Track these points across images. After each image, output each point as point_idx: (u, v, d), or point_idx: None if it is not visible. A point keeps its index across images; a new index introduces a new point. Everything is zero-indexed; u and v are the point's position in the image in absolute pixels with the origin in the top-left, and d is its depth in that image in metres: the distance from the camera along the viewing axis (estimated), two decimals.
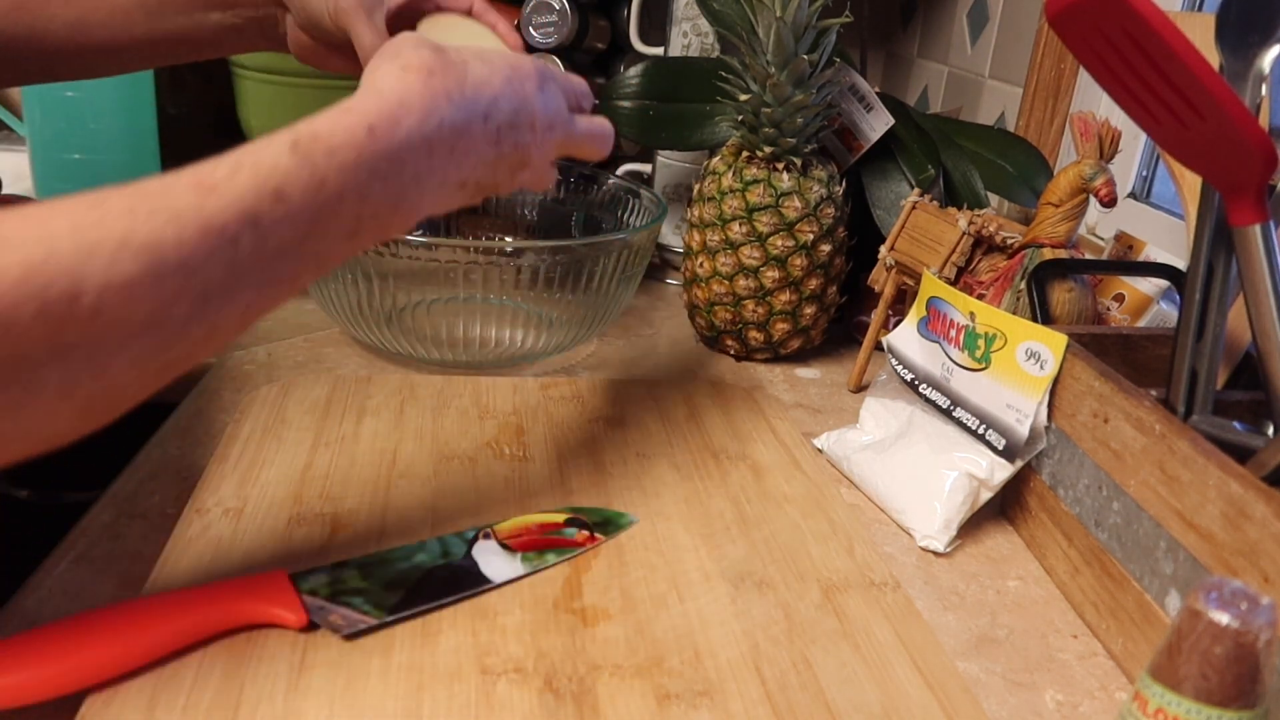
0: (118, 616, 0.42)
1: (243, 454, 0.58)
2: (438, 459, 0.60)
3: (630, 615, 0.48)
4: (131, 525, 0.53)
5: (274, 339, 0.77)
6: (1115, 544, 0.49)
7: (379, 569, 0.49)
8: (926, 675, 0.45)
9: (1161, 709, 0.34)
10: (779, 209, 0.75)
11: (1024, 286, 0.64)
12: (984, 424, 0.58)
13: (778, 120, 0.73)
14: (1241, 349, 0.58)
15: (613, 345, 0.82)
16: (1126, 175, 0.87)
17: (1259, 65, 0.47)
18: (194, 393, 0.67)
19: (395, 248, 0.65)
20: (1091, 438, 0.52)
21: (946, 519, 0.56)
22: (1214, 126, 0.43)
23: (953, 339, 0.61)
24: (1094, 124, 0.63)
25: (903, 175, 0.81)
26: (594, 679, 0.43)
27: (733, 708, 0.42)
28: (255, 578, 0.46)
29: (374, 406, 0.66)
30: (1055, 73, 0.91)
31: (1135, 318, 0.71)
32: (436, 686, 0.42)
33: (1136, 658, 0.47)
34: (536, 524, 0.54)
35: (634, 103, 0.85)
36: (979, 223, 0.67)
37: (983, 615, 0.52)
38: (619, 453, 0.63)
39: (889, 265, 0.74)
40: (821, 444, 0.67)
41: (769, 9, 0.70)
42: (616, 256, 0.71)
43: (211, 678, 0.41)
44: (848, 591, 0.51)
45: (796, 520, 0.57)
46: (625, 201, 0.83)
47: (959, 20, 1.12)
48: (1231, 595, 0.33)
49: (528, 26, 0.98)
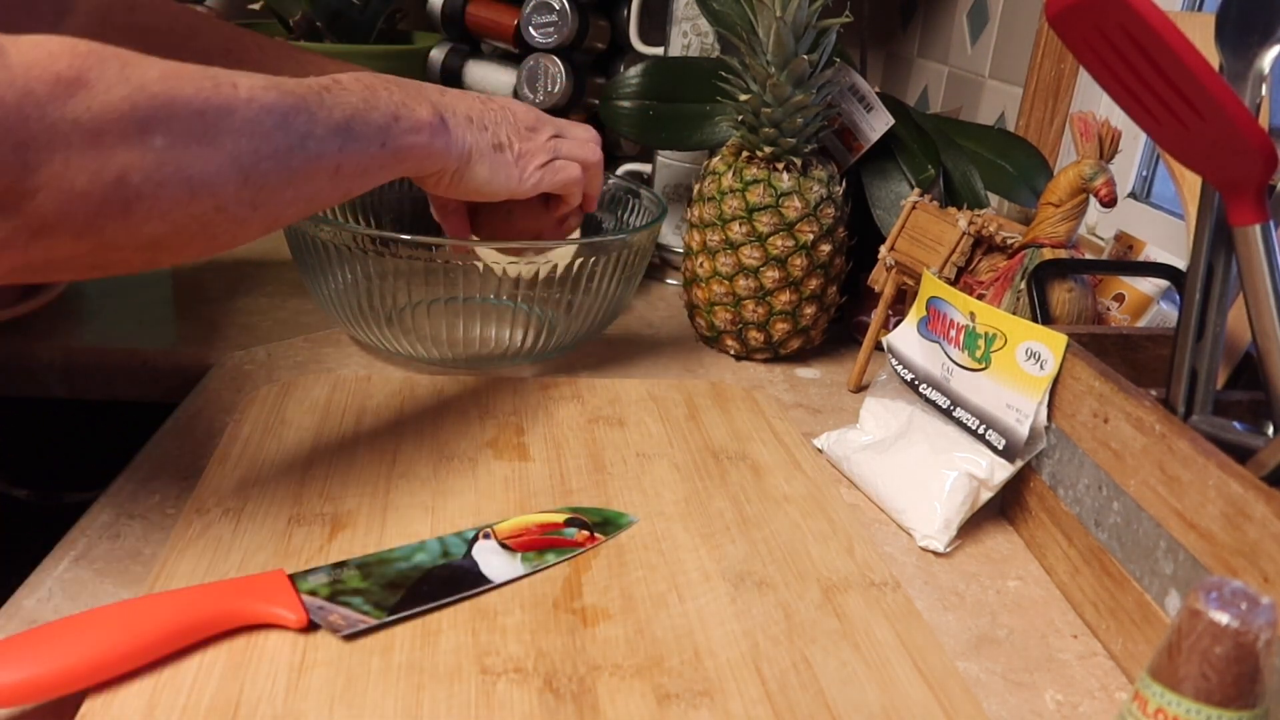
0: (118, 616, 0.42)
1: (243, 454, 0.58)
2: (438, 459, 0.60)
3: (630, 615, 0.48)
4: (131, 525, 0.53)
5: (274, 339, 0.77)
6: (1115, 544, 0.49)
7: (379, 569, 0.49)
8: (926, 675, 0.45)
9: (1161, 709, 0.34)
10: (779, 209, 0.75)
11: (1024, 286, 0.64)
12: (984, 424, 0.58)
13: (778, 120, 0.73)
14: (1241, 349, 0.58)
15: (613, 345, 0.82)
16: (1126, 175, 0.87)
17: (1259, 65, 0.47)
18: (194, 393, 0.67)
19: (395, 248, 0.65)
20: (1091, 438, 0.52)
21: (946, 519, 0.56)
22: (1214, 126, 0.43)
23: (953, 339, 0.61)
24: (1094, 124, 0.63)
25: (903, 175, 0.81)
26: (594, 679, 0.43)
27: (733, 708, 0.42)
28: (255, 578, 0.46)
29: (374, 406, 0.66)
30: (1055, 73, 0.91)
31: (1135, 318, 0.71)
32: (436, 686, 0.42)
33: (1136, 658, 0.47)
34: (536, 524, 0.54)
35: (634, 103, 0.85)
36: (979, 223, 0.67)
37: (983, 615, 0.52)
38: (619, 453, 0.63)
39: (889, 265, 0.74)
40: (821, 444, 0.67)
41: (769, 9, 0.70)
42: (616, 256, 0.71)
43: (211, 678, 0.41)
44: (848, 591, 0.51)
45: (796, 520, 0.57)
46: (625, 201, 0.83)
47: (959, 20, 1.12)
48: (1231, 595, 0.33)
49: (528, 26, 0.98)
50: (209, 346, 0.74)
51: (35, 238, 0.37)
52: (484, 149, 0.59)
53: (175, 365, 0.73)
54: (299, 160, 0.45)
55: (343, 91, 0.49)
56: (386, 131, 0.51)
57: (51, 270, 0.40)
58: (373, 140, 0.50)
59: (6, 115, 0.34)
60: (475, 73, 1.06)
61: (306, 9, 0.99)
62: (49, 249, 0.38)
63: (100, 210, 0.38)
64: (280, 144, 0.44)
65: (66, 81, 0.36)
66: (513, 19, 0.99)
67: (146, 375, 0.73)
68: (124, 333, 0.76)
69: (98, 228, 0.38)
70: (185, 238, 0.42)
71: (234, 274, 0.89)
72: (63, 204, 0.36)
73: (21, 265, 0.38)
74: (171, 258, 0.43)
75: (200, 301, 0.83)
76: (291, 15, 1.01)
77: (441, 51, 1.06)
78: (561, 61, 0.98)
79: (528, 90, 0.99)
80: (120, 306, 0.80)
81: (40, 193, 0.36)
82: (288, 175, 0.45)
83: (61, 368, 0.72)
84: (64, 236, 0.37)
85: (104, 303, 0.81)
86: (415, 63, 1.06)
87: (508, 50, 1.04)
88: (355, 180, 0.50)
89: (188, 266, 0.90)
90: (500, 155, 0.60)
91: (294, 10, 1.00)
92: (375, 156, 0.51)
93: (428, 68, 1.07)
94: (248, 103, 0.42)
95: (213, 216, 0.42)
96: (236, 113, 0.42)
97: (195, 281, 0.87)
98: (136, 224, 0.39)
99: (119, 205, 0.38)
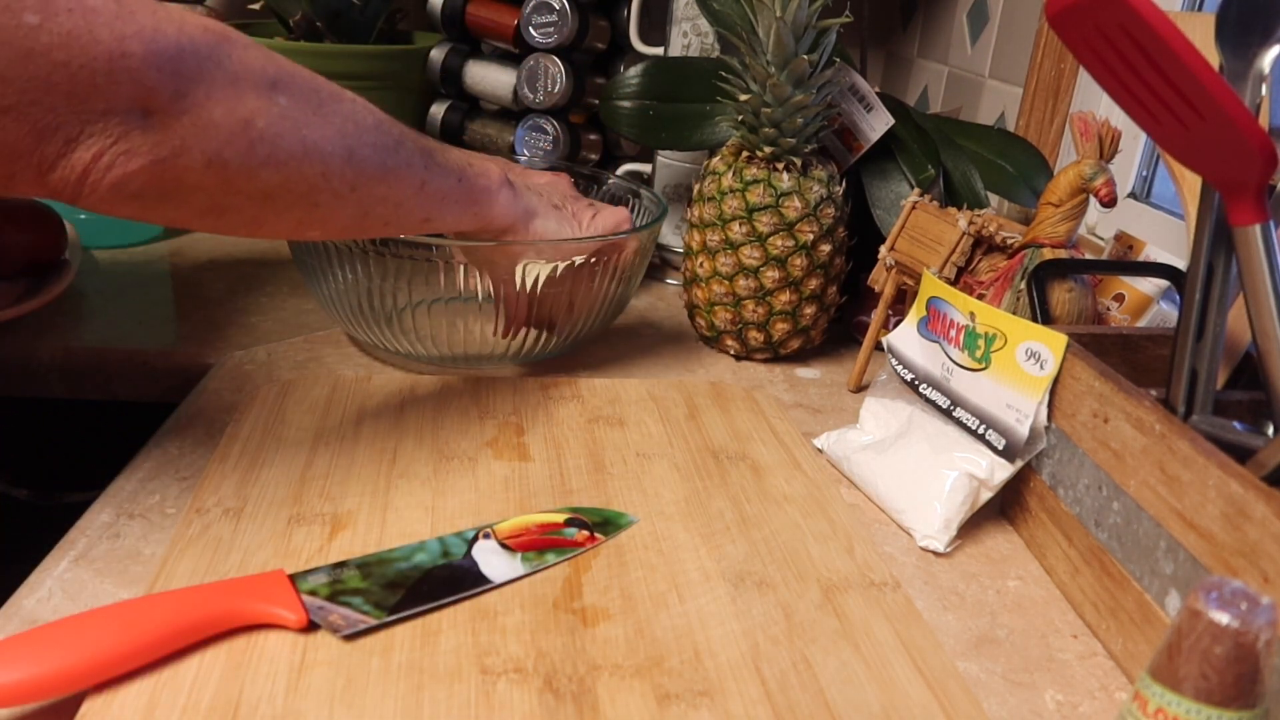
0: (118, 616, 0.42)
1: (243, 454, 0.58)
2: (438, 459, 0.60)
3: (630, 615, 0.48)
4: (131, 525, 0.53)
5: (274, 339, 0.77)
6: (1115, 544, 0.49)
7: (379, 569, 0.49)
8: (926, 675, 0.45)
9: (1161, 709, 0.34)
10: (779, 209, 0.75)
11: (1024, 286, 0.64)
12: (984, 424, 0.58)
13: (778, 120, 0.73)
14: (1241, 349, 0.58)
15: (613, 345, 0.82)
16: (1126, 175, 0.87)
17: (1259, 65, 0.47)
18: (194, 393, 0.67)
19: (396, 248, 0.65)
20: (1091, 438, 0.52)
21: (946, 519, 0.56)
22: (1214, 126, 0.43)
23: (953, 339, 0.61)
24: (1094, 124, 0.63)
25: (903, 175, 0.81)
26: (594, 679, 0.43)
27: (733, 708, 0.42)
28: (255, 578, 0.46)
29: (374, 406, 0.66)
30: (1055, 73, 0.91)
31: (1135, 318, 0.71)
32: (436, 686, 0.42)
33: (1136, 658, 0.47)
34: (536, 524, 0.54)
35: (634, 103, 0.85)
36: (979, 223, 0.67)
37: (983, 615, 0.52)
38: (619, 453, 0.63)
39: (889, 265, 0.74)
40: (821, 444, 0.67)
41: (769, 9, 0.70)
42: (617, 257, 0.71)
43: (211, 678, 0.41)
44: (848, 591, 0.51)
45: (796, 520, 0.57)
46: (625, 201, 0.83)
47: (959, 20, 1.12)
48: (1231, 595, 0.33)
49: (528, 26, 0.98)
50: (209, 346, 0.74)
51: (174, 155, 0.43)
52: (546, 208, 0.65)
53: (175, 365, 0.73)
54: (393, 161, 0.52)
55: (422, 134, 0.56)
56: (462, 171, 0.58)
57: (181, 199, 0.45)
58: (451, 174, 0.57)
59: (169, 46, 0.41)
60: (475, 73, 1.06)
61: (306, 9, 0.99)
62: (182, 170, 0.43)
63: (229, 142, 0.44)
64: (378, 140, 0.51)
65: (215, 34, 0.43)
66: (513, 19, 0.99)
67: (146, 375, 0.73)
68: (124, 333, 0.76)
69: (224, 160, 0.44)
70: (292, 197, 0.48)
71: (234, 274, 0.89)
72: (200, 129, 0.43)
73: (157, 182, 0.43)
74: (276, 220, 0.49)
75: (200, 301, 0.83)
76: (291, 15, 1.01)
77: (441, 51, 1.06)
78: (561, 61, 0.98)
79: (528, 90, 0.99)
80: (120, 306, 0.80)
81: (185, 115, 0.42)
82: (382, 171, 0.51)
83: (61, 368, 0.72)
84: (196, 160, 0.43)
85: (104, 303, 0.81)
86: (415, 63, 1.06)
87: (508, 50, 1.04)
88: (435, 205, 0.56)
89: (188, 266, 0.90)
90: (561, 213, 0.66)
91: (294, 10, 1.00)
92: (453, 189, 0.57)
93: (428, 68, 1.07)
94: (353, 100, 0.50)
95: (318, 182, 0.48)
96: (345, 101, 0.50)
97: (195, 281, 0.87)
98: (255, 166, 0.45)
99: (244, 143, 0.44)
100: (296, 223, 0.50)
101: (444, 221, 0.58)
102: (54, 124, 0.39)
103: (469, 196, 0.58)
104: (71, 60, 0.38)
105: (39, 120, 0.39)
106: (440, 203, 0.56)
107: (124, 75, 0.40)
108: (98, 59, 0.39)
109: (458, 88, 1.08)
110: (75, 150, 0.40)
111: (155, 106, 0.41)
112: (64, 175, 0.41)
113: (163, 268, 0.90)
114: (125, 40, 0.40)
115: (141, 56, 0.40)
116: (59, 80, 0.38)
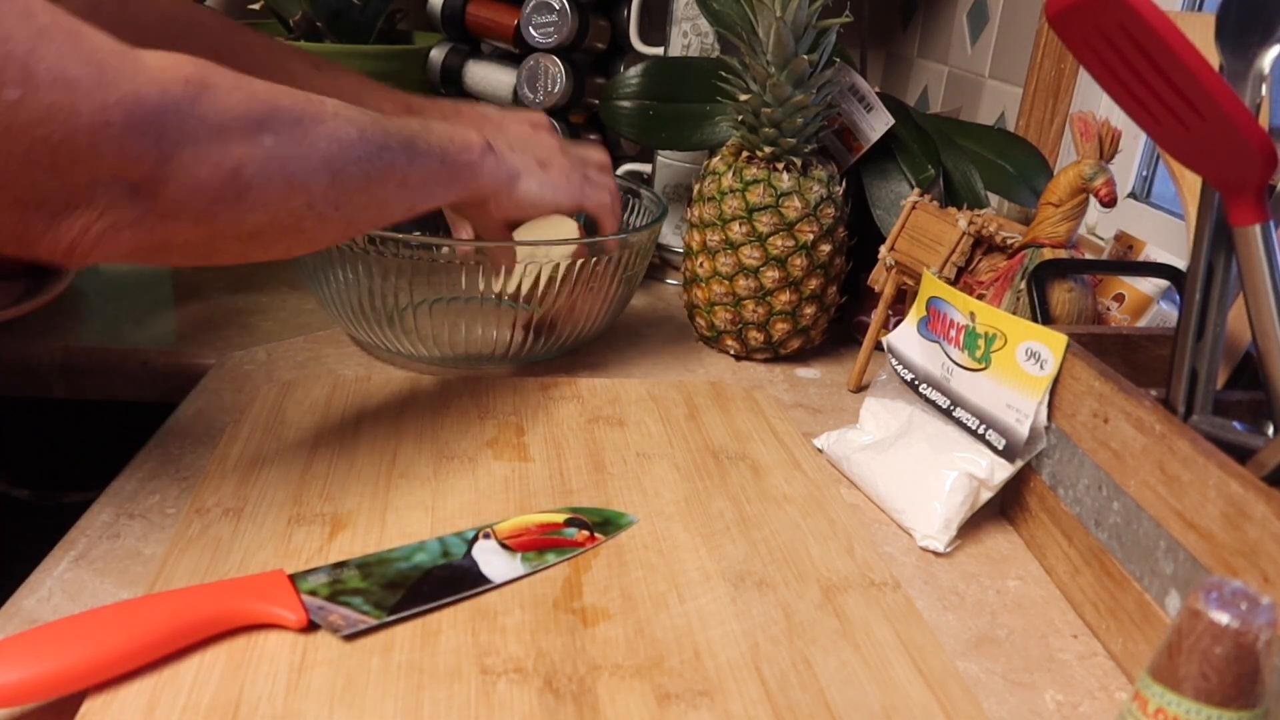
0: (118, 616, 0.42)
1: (243, 454, 0.58)
2: (438, 459, 0.60)
3: (630, 615, 0.48)
4: (131, 525, 0.53)
5: (274, 339, 0.77)
6: (1115, 544, 0.49)
7: (379, 569, 0.49)
8: (926, 675, 0.45)
9: (1161, 709, 0.34)
10: (779, 209, 0.75)
11: (1024, 286, 0.64)
12: (984, 424, 0.58)
13: (778, 120, 0.73)
14: (1241, 349, 0.58)
15: (613, 345, 0.82)
16: (1126, 175, 0.87)
17: (1259, 65, 0.47)
18: (194, 393, 0.67)
19: (395, 248, 0.65)
20: (1091, 438, 0.52)
21: (946, 519, 0.56)
22: (1214, 126, 0.43)
23: (953, 339, 0.61)
24: (1094, 124, 0.63)
25: (903, 175, 0.81)
26: (594, 679, 0.43)
27: (733, 708, 0.42)
28: (255, 578, 0.46)
29: (374, 406, 0.66)
30: (1055, 73, 0.91)
31: (1135, 318, 0.71)
32: (436, 686, 0.42)
33: (1136, 658, 0.47)
34: (536, 524, 0.54)
35: (634, 103, 0.85)
36: (979, 223, 0.67)
37: (983, 615, 0.52)
38: (619, 453, 0.63)
39: (889, 265, 0.74)
40: (821, 444, 0.67)
41: (769, 9, 0.70)
42: (616, 257, 0.71)
43: (211, 678, 0.41)
44: (848, 591, 0.51)
45: (796, 520, 0.57)
46: (625, 201, 0.83)
47: (959, 20, 1.12)
48: (1231, 595, 0.33)
49: (528, 26, 0.98)
50: (209, 346, 0.74)
51: (161, 221, 0.41)
52: (530, 167, 0.65)
53: (175, 365, 0.73)
54: (375, 167, 0.51)
55: (404, 120, 0.57)
56: (445, 150, 0.58)
57: (168, 253, 0.45)
58: (434, 157, 0.57)
59: (150, 111, 0.39)
60: (475, 73, 1.06)
61: (306, 9, 0.99)
62: (170, 232, 0.42)
63: (217, 198, 0.43)
64: (361, 152, 0.50)
65: (195, 83, 0.41)
66: (513, 19, 0.99)
67: (146, 375, 0.73)
68: (124, 333, 0.76)
69: (212, 214, 0.43)
70: (279, 231, 0.48)
71: (234, 274, 0.89)
72: (187, 192, 0.42)
73: (145, 246, 0.42)
74: (264, 252, 0.49)
75: (200, 302, 0.83)
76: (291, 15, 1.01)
77: (441, 51, 1.06)
78: (561, 61, 0.98)
79: (528, 90, 0.99)
80: (120, 306, 0.80)
81: (171, 181, 0.41)
82: (365, 181, 0.51)
83: (61, 368, 0.72)
84: (184, 221, 0.42)
85: (104, 303, 0.81)
86: (415, 63, 1.06)
87: (508, 50, 1.04)
88: (419, 192, 0.56)
89: (188, 266, 0.90)
90: (546, 172, 0.66)
91: (294, 10, 1.00)
92: (436, 172, 0.57)
93: (428, 68, 1.07)
94: (334, 115, 0.49)
95: (304, 212, 0.48)
96: (326, 122, 0.48)
97: (195, 281, 0.87)
98: (244, 213, 0.44)
99: (232, 195, 0.43)
100: (285, 250, 0.51)
101: (429, 204, 0.59)
102: (37, 199, 0.38)
103: (452, 175, 0.59)
104: (51, 135, 0.37)
105: (21, 195, 0.38)
106: (424, 188, 0.57)
107: (107, 146, 0.38)
108: (79, 131, 0.37)
109: (458, 88, 1.08)
110: (60, 225, 0.39)
111: (140, 176, 0.40)
112: (50, 247, 0.40)
113: (163, 268, 0.90)
114: (107, 110, 0.38)
115: (123, 125, 0.38)
116: (39, 156, 0.37)
